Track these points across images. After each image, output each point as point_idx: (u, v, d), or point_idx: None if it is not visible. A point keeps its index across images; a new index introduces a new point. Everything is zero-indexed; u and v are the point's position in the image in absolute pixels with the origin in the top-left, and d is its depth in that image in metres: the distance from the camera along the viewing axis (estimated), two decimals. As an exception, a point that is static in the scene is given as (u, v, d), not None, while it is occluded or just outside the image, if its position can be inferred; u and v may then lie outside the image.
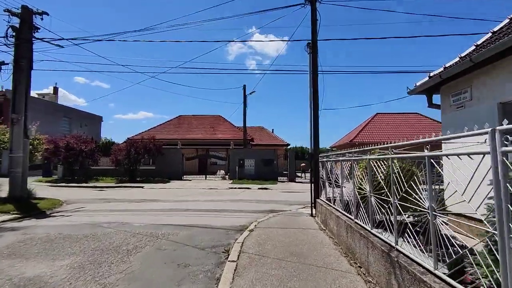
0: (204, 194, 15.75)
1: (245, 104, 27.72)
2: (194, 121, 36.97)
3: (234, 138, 32.10)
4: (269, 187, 20.32)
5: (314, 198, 8.77)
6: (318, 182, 8.46)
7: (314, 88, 8.66)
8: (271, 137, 36.30)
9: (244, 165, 25.93)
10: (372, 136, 26.15)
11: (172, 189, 18.62)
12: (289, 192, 17.53)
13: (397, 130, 26.94)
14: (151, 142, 24.38)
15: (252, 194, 15.75)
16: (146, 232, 6.70)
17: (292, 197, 14.62)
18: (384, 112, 29.80)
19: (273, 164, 25.71)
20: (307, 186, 22.01)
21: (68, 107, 40.79)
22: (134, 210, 9.94)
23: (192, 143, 32.17)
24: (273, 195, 15.39)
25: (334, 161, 6.95)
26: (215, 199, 13.33)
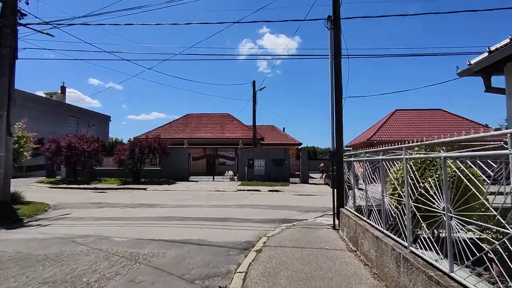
0: (208, 197, 14.32)
1: (254, 101, 26.21)
2: (202, 120, 35.70)
3: (243, 137, 30.63)
4: (280, 189, 18.75)
5: (337, 207, 7.17)
6: (343, 186, 6.84)
7: (336, 72, 7.08)
8: (282, 136, 34.67)
9: (253, 166, 24.42)
10: (391, 134, 24.24)
11: (176, 192, 17.28)
12: (303, 195, 15.91)
13: (418, 127, 24.93)
14: (156, 141, 23.14)
15: (261, 198, 14.22)
16: (125, 252, 5.26)
17: (306, 201, 13.02)
18: (403, 109, 27.78)
19: (284, 165, 24.10)
20: (322, 189, 20.69)
21: (75, 107, 40.18)
22: (124, 219, 8.55)
23: (200, 143, 30.89)
24: (285, 199, 13.83)
25: (367, 161, 5.34)
26: (219, 204, 11.86)
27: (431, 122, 25.73)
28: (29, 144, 11.54)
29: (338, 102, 6.88)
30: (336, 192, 7.28)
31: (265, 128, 37.22)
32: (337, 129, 6.96)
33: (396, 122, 26.04)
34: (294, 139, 33.05)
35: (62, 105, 38.56)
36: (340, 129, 6.96)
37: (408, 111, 27.51)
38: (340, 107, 6.88)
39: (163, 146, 23.39)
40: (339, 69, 7.00)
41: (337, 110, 6.90)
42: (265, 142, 32.63)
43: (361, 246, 4.92)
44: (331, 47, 7.14)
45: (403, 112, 27.45)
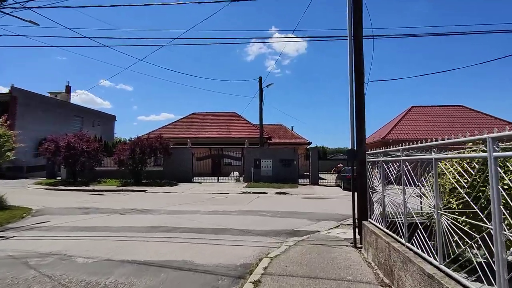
0: (210, 201, 13.04)
1: (261, 98, 24.87)
2: (207, 119, 34.57)
3: (250, 137, 29.32)
4: (288, 192, 17.36)
5: (359, 218, 5.77)
6: (366, 193, 5.43)
7: (356, 47, 5.65)
8: (290, 135, 33.22)
9: (260, 166, 23.08)
10: (407, 132, 22.56)
11: (176, 194, 16.09)
12: (313, 198, 14.49)
13: (437, 125, 23.17)
14: (158, 141, 22.03)
15: (267, 202, 12.86)
16: (81, 282, 3.99)
17: (318, 206, 11.60)
18: (420, 105, 25.99)
19: (292, 165, 22.68)
20: (334, 191, 19.11)
21: (80, 106, 39.57)
22: (104, 229, 7.32)
23: (205, 142, 29.73)
24: (294, 204, 12.43)
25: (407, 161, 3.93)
26: (220, 209, 10.55)
27: (451, 119, 23.94)
28: (10, 143, 10.47)
29: (359, 86, 5.46)
30: (357, 199, 5.87)
31: (273, 127, 35.84)
32: (358, 121, 5.53)
33: (413, 119, 24.32)
34: (303, 138, 31.56)
35: (67, 104, 37.94)
36: (361, 121, 5.52)
37: (426, 108, 25.73)
38: (361, 93, 5.45)
39: (165, 145, 22.27)
40: (360, 43, 5.58)
41: (358, 97, 5.46)
42: (272, 142, 31.25)
43: (399, 280, 3.52)
44: (350, 19, 5.72)
45: (420, 108, 25.67)
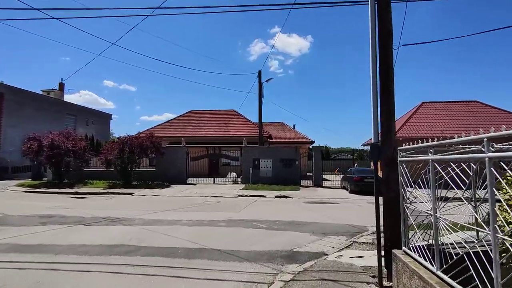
0: (198, 207, 11.37)
1: (260, 93, 23.16)
2: (205, 117, 32.94)
3: (249, 135, 27.65)
4: (289, 195, 15.65)
5: (388, 244, 4.04)
6: (397, 208, 3.71)
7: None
8: (292, 133, 31.50)
9: (259, 167, 21.38)
10: (419, 130, 20.78)
11: (164, 198, 14.46)
12: (317, 203, 12.78)
13: (450, 122, 21.36)
14: (148, 139, 20.40)
15: (264, 208, 11.17)
16: None
17: (323, 214, 9.89)
18: (432, 101, 24.15)
19: (294, 165, 20.97)
20: (340, 194, 16.71)
21: (74, 104, 38.11)
22: (44, 250, 5.66)
23: (202, 141, 28.13)
24: (295, 210, 10.73)
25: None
26: (206, 218, 8.87)
27: (465, 115, 22.11)
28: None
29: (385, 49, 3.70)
30: (383, 214, 4.16)
31: (274, 126, 34.13)
32: (384, 101, 3.79)
33: (424, 116, 22.51)
34: (306, 137, 29.83)
35: (60, 103, 36.41)
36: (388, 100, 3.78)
37: (437, 104, 23.88)
38: (388, 57, 3.70)
39: (156, 144, 20.64)
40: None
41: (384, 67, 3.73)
42: (273, 140, 29.56)
43: None
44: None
45: (431, 104, 23.84)
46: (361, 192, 16.28)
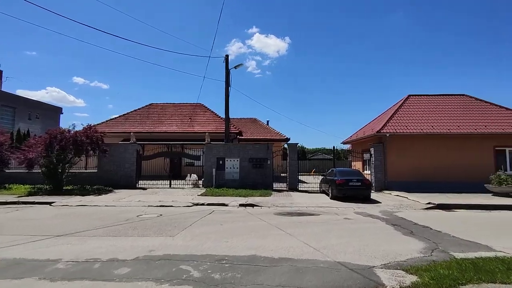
0: (121, 226, 7.78)
1: (227, 81, 19.71)
2: (167, 111, 29.04)
3: (217, 131, 24.19)
4: (257, 203, 12.38)
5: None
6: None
7: None
8: (265, 130, 28.33)
9: (224, 167, 17.96)
10: (407, 125, 18.29)
11: (91, 209, 10.81)
12: (292, 215, 9.58)
13: (438, 116, 19.12)
14: (85, 133, 16.35)
15: (217, 228, 7.78)
16: None
17: (301, 236, 6.67)
18: (418, 94, 21.90)
19: (266, 165, 17.75)
20: (321, 200, 13.34)
21: (12, 95, 32.63)
22: None
23: (163, 138, 24.22)
24: (261, 230, 7.46)
25: None
26: (107, 253, 5.35)
27: (453, 109, 20.01)
28: None
29: None
30: None
31: (245, 122, 30.85)
32: None
33: (411, 109, 20.15)
34: (280, 134, 26.77)
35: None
36: None
37: (424, 97, 21.68)
38: None
39: (95, 140, 16.62)
40: None
41: None
42: (243, 138, 26.27)
43: None
44: None
45: (418, 97, 21.60)
46: (345, 198, 13.34)
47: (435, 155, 17.37)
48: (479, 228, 8.12)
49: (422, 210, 11.40)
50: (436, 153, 17.41)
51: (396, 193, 15.71)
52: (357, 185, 13.33)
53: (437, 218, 9.72)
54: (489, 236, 6.94)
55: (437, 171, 17.10)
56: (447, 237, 6.87)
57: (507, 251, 5.65)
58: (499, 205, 11.98)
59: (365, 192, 13.43)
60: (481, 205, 11.99)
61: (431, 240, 6.54)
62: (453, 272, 4.12)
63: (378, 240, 6.51)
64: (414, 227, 7.94)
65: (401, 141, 17.66)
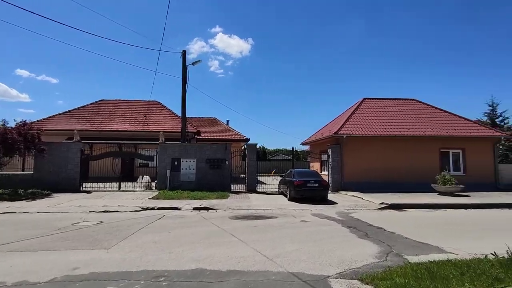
0: (49, 238, 6.68)
1: (184, 77, 18.74)
2: (120, 108, 27.10)
3: (173, 130, 23.01)
4: (213, 206, 11.74)
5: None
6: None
7: None
8: (224, 130, 27.65)
9: (179, 168, 17.01)
10: (362, 127, 18.81)
11: (20, 216, 9.57)
12: (248, 218, 9.09)
13: (391, 119, 20.00)
14: (19, 129, 14.46)
15: (164, 237, 7.03)
16: None
17: (255, 243, 6.19)
18: (373, 98, 22.78)
19: (224, 166, 17.12)
20: (279, 202, 13.00)
21: None
22: None
23: (114, 137, 22.46)
24: (213, 237, 6.86)
25: None
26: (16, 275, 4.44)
27: (405, 112, 21.06)
28: None
29: None
30: None
31: (205, 121, 29.93)
32: None
33: (366, 112, 20.82)
34: (240, 134, 26.28)
35: None
36: None
37: (378, 100, 22.61)
38: None
39: (30, 138, 14.78)
40: None
41: None
42: (202, 137, 25.36)
43: None
44: None
45: (373, 101, 22.45)
46: (303, 200, 13.18)
47: (388, 156, 18.05)
48: (429, 228, 8.29)
49: (376, 210, 11.58)
50: (388, 155, 18.10)
51: (352, 193, 15.99)
52: (315, 186, 13.26)
53: (390, 218, 9.85)
54: (438, 237, 7.04)
55: (389, 171, 17.77)
56: (400, 239, 6.83)
57: (456, 252, 5.67)
58: (444, 204, 12.60)
59: (322, 193, 13.41)
60: (429, 204, 12.52)
61: (385, 242, 6.43)
62: (409, 280, 3.89)
63: (334, 245, 6.25)
64: (369, 229, 7.86)
65: (356, 143, 18.10)
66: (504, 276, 3.94)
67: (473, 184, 16.92)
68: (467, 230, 8.20)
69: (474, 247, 5.92)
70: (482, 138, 18.78)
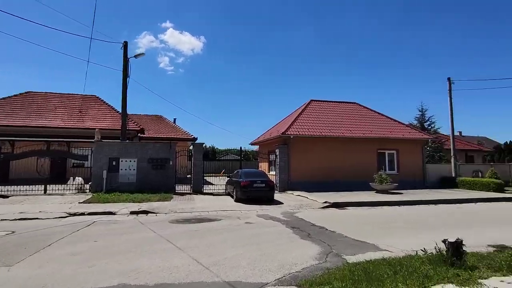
0: None
1: (125, 71, 17.31)
2: (51, 102, 24.19)
3: (112, 128, 21.19)
4: (153, 209, 10.91)
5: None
6: None
7: None
8: (171, 128, 26.37)
9: (118, 169, 15.66)
10: (309, 128, 19.33)
11: None
12: (190, 222, 8.55)
13: (336, 120, 20.90)
14: None
15: (89, 246, 6.17)
16: None
17: (191, 250, 5.71)
18: (319, 100, 23.59)
19: (167, 166, 16.20)
20: (226, 203, 12.67)
21: None
22: None
23: (42, 134, 19.96)
24: (149, 243, 6.22)
25: None
26: None
27: (349, 115, 22.16)
28: None
29: None
30: None
31: (149, 119, 28.27)
32: None
33: (312, 114, 21.46)
34: (187, 133, 25.28)
35: None
36: None
37: (324, 102, 23.50)
38: None
39: None
40: None
41: None
42: (146, 136, 23.81)
43: None
44: None
45: (319, 103, 23.25)
46: (249, 201, 12.96)
47: (332, 157, 18.76)
48: (366, 225, 8.61)
49: (320, 209, 11.82)
50: (332, 155, 18.82)
51: (298, 193, 16.25)
52: (261, 186, 13.14)
53: (332, 217, 10.08)
54: (375, 234, 7.29)
55: (333, 171, 18.48)
56: (340, 238, 6.92)
57: (391, 249, 5.86)
58: (381, 201, 13.39)
59: (269, 194, 13.34)
60: (367, 202, 13.20)
61: (326, 242, 6.43)
62: (347, 284, 3.80)
63: (276, 247, 6.07)
64: (312, 229, 7.88)
65: (303, 143, 18.50)
66: (433, 273, 4.05)
67: (405, 182, 18.40)
68: (400, 226, 8.68)
69: (406, 243, 6.18)
70: (413, 140, 20.56)
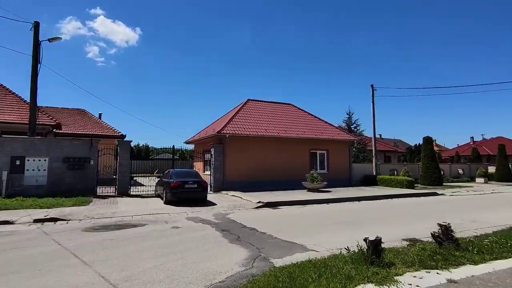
0: None
1: (36, 55, 14.91)
2: None
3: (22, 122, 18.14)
4: (65, 215, 9.48)
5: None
6: None
7: None
8: (95, 124, 23.71)
9: (23, 169, 13.40)
10: (245, 127, 19.20)
11: None
12: (108, 229, 7.53)
13: (272, 120, 21.23)
14: None
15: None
16: None
17: (101, 264, 4.90)
18: (256, 99, 23.70)
19: (87, 166, 14.42)
20: (153, 205, 11.79)
21: None
22: None
23: None
24: (47, 259, 5.17)
25: None
26: None
27: (284, 116, 22.72)
28: None
29: None
30: None
31: (70, 113, 25.11)
32: None
33: (249, 113, 21.42)
34: (114, 129, 23.03)
35: None
36: None
37: (261, 102, 23.71)
38: None
39: None
40: None
41: None
42: (65, 132, 20.98)
43: None
44: None
45: (256, 102, 23.37)
46: (180, 202, 12.21)
47: (267, 156, 18.95)
48: (297, 225, 8.68)
49: (253, 210, 11.67)
50: (268, 154, 19.01)
51: (232, 193, 15.96)
52: (193, 187, 12.49)
53: (264, 217, 9.99)
54: (304, 234, 7.34)
55: (268, 170, 18.67)
56: (270, 240, 6.76)
57: (317, 249, 5.88)
58: (312, 200, 13.87)
59: (201, 195, 12.76)
60: (299, 200, 13.54)
61: (255, 245, 6.20)
62: (270, 293, 3.53)
63: (201, 254, 5.61)
64: (242, 231, 7.60)
65: (239, 142, 18.30)
66: (355, 273, 4.05)
67: (334, 181, 19.52)
68: (328, 224, 8.95)
69: (333, 242, 6.29)
70: (341, 141, 21.97)
